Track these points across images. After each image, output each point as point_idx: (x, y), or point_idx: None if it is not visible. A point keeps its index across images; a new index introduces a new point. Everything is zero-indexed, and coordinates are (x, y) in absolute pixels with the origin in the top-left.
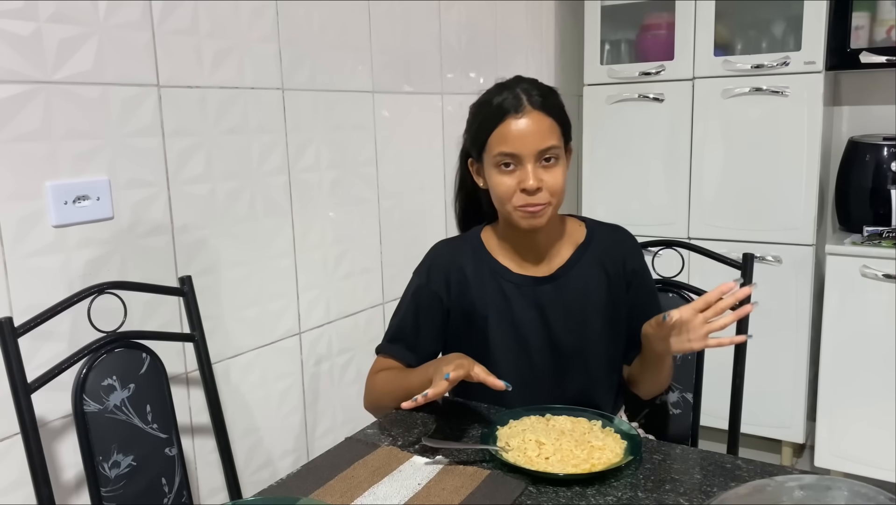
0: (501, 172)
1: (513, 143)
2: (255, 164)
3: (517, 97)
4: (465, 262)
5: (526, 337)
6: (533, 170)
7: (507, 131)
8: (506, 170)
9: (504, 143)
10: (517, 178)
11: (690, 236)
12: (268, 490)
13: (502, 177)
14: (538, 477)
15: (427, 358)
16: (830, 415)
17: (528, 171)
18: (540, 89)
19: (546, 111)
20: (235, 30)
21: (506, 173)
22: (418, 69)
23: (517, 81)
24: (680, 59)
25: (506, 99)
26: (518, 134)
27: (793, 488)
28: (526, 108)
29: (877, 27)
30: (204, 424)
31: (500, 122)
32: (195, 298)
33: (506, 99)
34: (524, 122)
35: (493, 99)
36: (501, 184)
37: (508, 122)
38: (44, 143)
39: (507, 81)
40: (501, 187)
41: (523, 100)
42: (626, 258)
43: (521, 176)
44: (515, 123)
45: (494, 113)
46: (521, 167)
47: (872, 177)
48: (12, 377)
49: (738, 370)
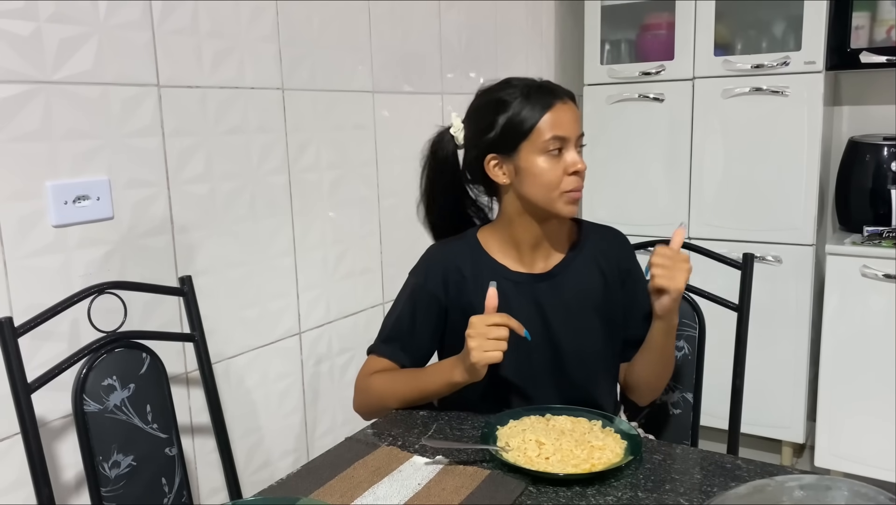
0: (551, 158)
1: (565, 126)
2: (255, 164)
3: (549, 86)
4: (462, 262)
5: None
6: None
7: (559, 115)
8: (556, 155)
9: (558, 127)
10: (563, 164)
11: (690, 236)
12: (268, 490)
13: (553, 162)
14: (538, 477)
15: (421, 359)
16: (830, 415)
17: (574, 154)
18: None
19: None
20: (235, 30)
21: (555, 158)
22: (418, 69)
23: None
24: (680, 59)
25: (541, 88)
26: (568, 118)
27: (793, 488)
28: (564, 96)
29: (877, 27)
30: (204, 424)
31: (549, 107)
32: (195, 297)
33: (541, 88)
34: (569, 107)
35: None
36: (552, 169)
37: (558, 106)
38: (44, 143)
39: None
40: (550, 174)
41: (558, 89)
42: (620, 258)
43: (569, 159)
44: (563, 108)
45: (538, 101)
46: (567, 152)
47: (872, 177)
48: (12, 377)
49: (738, 370)
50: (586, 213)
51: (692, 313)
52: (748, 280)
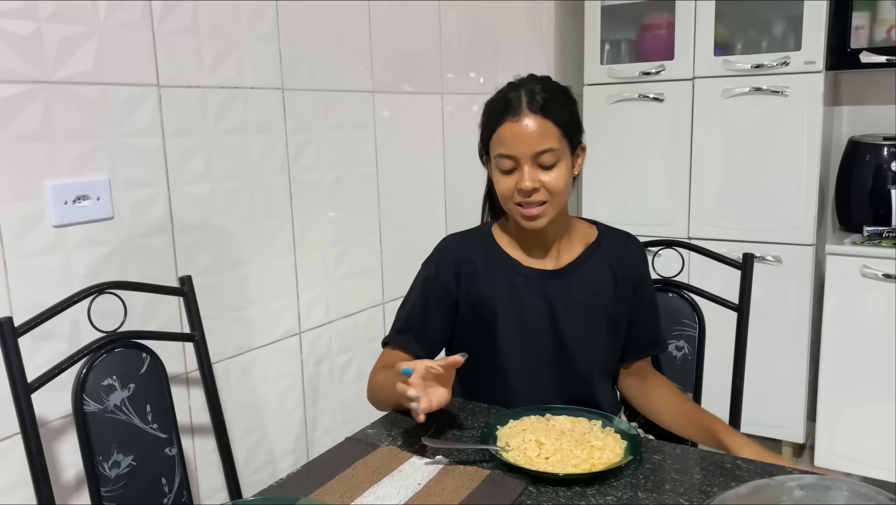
0: (502, 173)
1: (509, 145)
2: (255, 163)
3: (518, 99)
4: (475, 254)
5: (533, 329)
6: (529, 171)
7: (504, 134)
8: (505, 170)
9: (502, 145)
10: (515, 179)
11: (690, 236)
12: (268, 490)
13: (502, 176)
14: (538, 477)
15: (435, 349)
16: (830, 415)
17: (524, 172)
18: (546, 91)
19: (545, 114)
20: (235, 30)
21: (505, 173)
22: (418, 69)
23: (526, 81)
24: (680, 59)
25: (509, 100)
26: (515, 137)
27: (793, 488)
28: (523, 111)
29: (877, 27)
30: (204, 424)
31: (498, 124)
32: (195, 297)
33: (509, 100)
34: (521, 125)
35: (499, 99)
36: (501, 183)
37: (506, 124)
38: (44, 143)
39: (518, 81)
40: (501, 186)
41: (523, 102)
42: (635, 265)
43: (519, 177)
44: (513, 126)
45: (496, 114)
46: (520, 169)
47: (872, 177)
48: (12, 377)
49: (738, 370)
50: (586, 213)
51: (692, 313)
52: (748, 280)
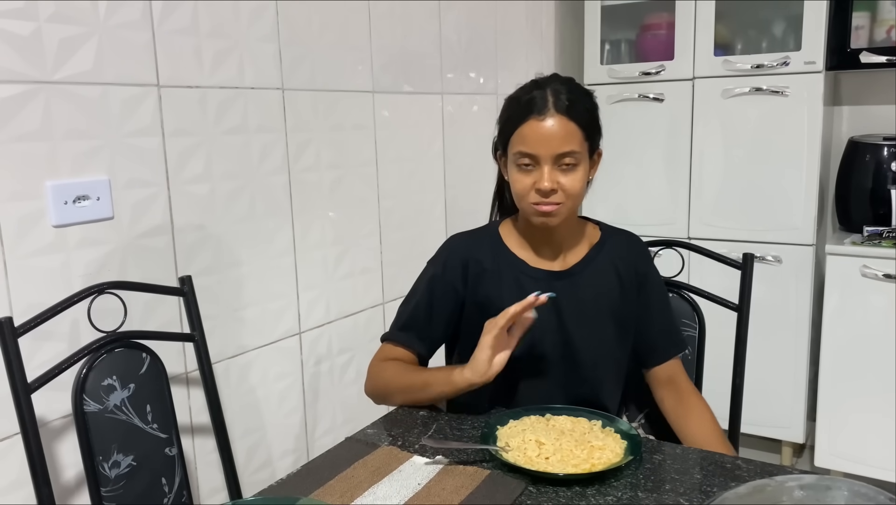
0: (520, 171)
1: (532, 144)
2: (255, 164)
3: (544, 98)
4: (482, 254)
5: (540, 330)
6: (549, 172)
7: (528, 132)
8: (524, 169)
9: (523, 144)
10: (534, 178)
11: (690, 236)
12: (268, 490)
13: (520, 175)
14: (538, 477)
15: (435, 347)
16: (830, 415)
17: (543, 172)
18: (572, 92)
19: (570, 116)
20: (235, 30)
21: (524, 172)
22: (418, 69)
23: (551, 80)
24: (680, 59)
25: (533, 98)
26: (538, 136)
27: (793, 488)
28: (550, 111)
29: (877, 27)
30: (204, 424)
31: (522, 121)
32: (195, 297)
33: (533, 98)
34: (545, 125)
35: (523, 96)
36: (518, 181)
37: (530, 122)
38: (44, 143)
39: (543, 79)
40: (518, 185)
41: (549, 102)
42: (638, 263)
43: (538, 176)
44: (537, 125)
45: (520, 111)
46: (539, 168)
47: (872, 177)
48: (12, 377)
49: (738, 370)
50: (586, 213)
51: (692, 313)
52: (748, 280)
